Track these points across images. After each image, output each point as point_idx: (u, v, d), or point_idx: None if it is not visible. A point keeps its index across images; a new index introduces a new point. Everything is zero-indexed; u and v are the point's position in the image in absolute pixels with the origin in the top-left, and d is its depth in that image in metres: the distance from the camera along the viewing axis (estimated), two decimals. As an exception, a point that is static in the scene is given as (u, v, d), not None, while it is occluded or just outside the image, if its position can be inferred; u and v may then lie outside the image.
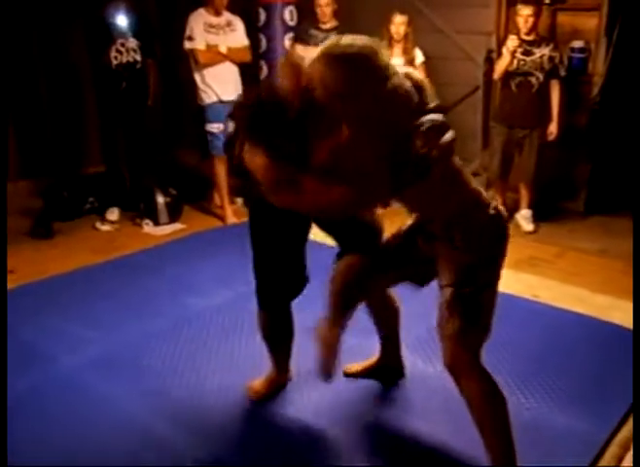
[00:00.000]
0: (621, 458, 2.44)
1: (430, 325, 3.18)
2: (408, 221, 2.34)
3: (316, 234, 2.68)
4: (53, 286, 3.89)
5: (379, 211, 2.56)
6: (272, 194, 2.08)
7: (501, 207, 2.18)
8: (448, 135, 1.99)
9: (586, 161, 5.26)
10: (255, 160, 2.00)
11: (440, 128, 1.97)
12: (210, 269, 4.18)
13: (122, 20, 4.97)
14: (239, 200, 5.60)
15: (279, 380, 2.88)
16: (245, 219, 5.09)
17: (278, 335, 2.81)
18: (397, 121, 1.91)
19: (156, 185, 5.22)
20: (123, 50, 4.99)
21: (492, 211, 2.13)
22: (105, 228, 5.03)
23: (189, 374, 3.00)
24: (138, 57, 5.05)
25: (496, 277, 2.18)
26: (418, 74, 2.13)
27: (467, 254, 2.09)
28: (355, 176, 1.91)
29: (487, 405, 2.14)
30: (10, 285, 3.58)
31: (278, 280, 2.68)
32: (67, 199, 5.23)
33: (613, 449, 2.49)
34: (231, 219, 5.18)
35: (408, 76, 2.01)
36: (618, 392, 2.80)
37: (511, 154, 4.87)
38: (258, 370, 2.93)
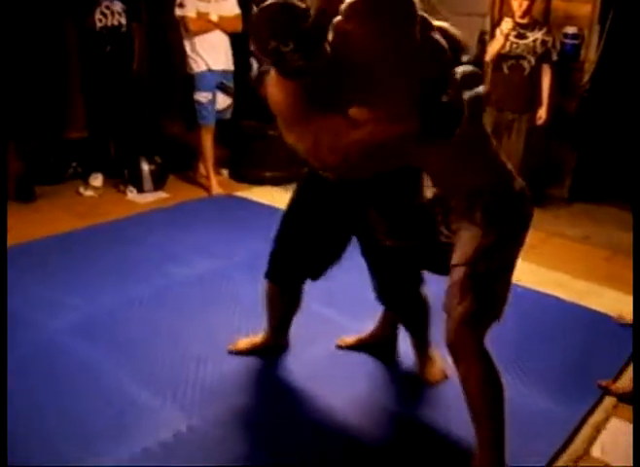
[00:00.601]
0: (593, 440, 2.47)
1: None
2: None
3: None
4: (34, 250, 3.86)
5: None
6: (292, 127, 1.95)
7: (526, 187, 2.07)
8: (481, 88, 1.89)
9: (572, 148, 5.27)
10: (276, 86, 1.89)
11: (473, 78, 1.87)
12: (193, 238, 4.16)
13: (107, -18, 4.89)
14: (225, 172, 5.58)
15: (269, 343, 2.90)
16: (230, 191, 5.16)
17: (281, 308, 2.81)
18: (430, 66, 1.82)
19: (141, 152, 5.17)
20: (107, 12, 4.90)
21: (518, 189, 2.04)
22: (88, 193, 4.99)
23: (170, 341, 3.00)
24: (123, 21, 4.96)
25: (513, 262, 2.08)
26: (454, 29, 2.02)
27: (486, 232, 1.98)
28: (382, 113, 1.79)
29: (485, 390, 2.07)
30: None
31: (298, 261, 2.62)
32: (50, 163, 5.17)
33: (586, 431, 2.52)
34: (217, 190, 5.15)
35: (442, 29, 1.92)
36: (593, 376, 2.83)
37: (499, 137, 4.87)
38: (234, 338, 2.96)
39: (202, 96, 5.06)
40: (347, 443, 2.42)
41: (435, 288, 2.42)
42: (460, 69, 1.85)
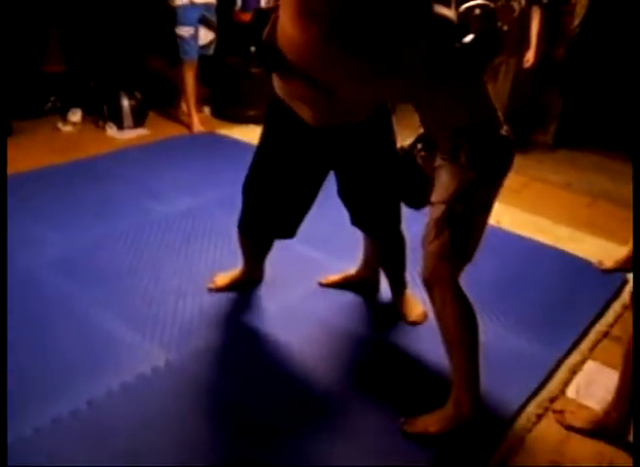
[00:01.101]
0: (567, 382, 2.50)
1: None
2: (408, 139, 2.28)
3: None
4: (12, 185, 3.76)
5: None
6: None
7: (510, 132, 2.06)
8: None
9: (559, 94, 5.22)
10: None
11: (490, 16, 1.77)
12: (174, 176, 4.11)
13: None
14: (207, 109, 5.49)
15: (246, 278, 2.90)
16: (212, 129, 5.08)
17: (254, 253, 2.81)
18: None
19: (121, 87, 5.05)
20: None
21: (504, 132, 2.03)
22: (67, 128, 4.89)
23: (149, 277, 2.97)
24: None
25: (490, 204, 2.10)
26: None
27: (468, 171, 1.99)
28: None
29: (460, 326, 2.10)
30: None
31: (268, 218, 2.56)
32: (28, 98, 5.05)
33: (561, 374, 2.54)
34: (198, 127, 5.06)
35: None
36: (570, 320, 2.85)
37: (486, 80, 4.79)
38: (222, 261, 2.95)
39: (184, 31, 4.92)
40: (321, 372, 2.43)
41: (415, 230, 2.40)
42: (477, 2, 1.75)
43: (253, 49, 1.84)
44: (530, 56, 4.71)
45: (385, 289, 2.92)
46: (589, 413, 2.32)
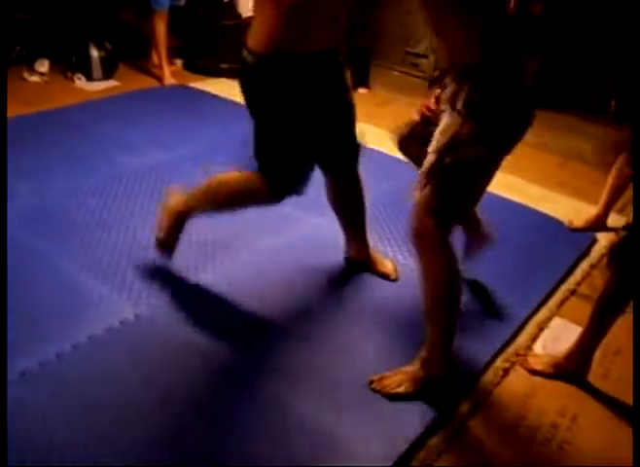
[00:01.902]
0: (535, 337, 2.54)
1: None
2: None
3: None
4: None
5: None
6: None
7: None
8: None
9: (533, 54, 5.19)
10: None
11: None
12: (144, 129, 4.04)
13: None
14: (179, 62, 5.39)
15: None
16: (184, 82, 4.99)
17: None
18: None
19: (90, 37, 4.92)
20: None
21: (519, 81, 1.86)
22: (34, 79, 4.77)
23: (118, 229, 2.94)
24: None
25: (490, 166, 1.95)
26: None
27: (466, 121, 1.82)
28: None
29: (443, 289, 2.01)
30: None
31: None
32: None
33: (529, 330, 2.58)
34: (169, 80, 4.97)
35: None
36: (539, 277, 2.88)
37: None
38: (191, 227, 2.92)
39: (155, -21, 4.80)
40: (287, 326, 2.44)
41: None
42: None
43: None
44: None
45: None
46: (551, 357, 2.38)
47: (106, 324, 2.33)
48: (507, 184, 3.77)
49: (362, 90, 5.23)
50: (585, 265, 3.06)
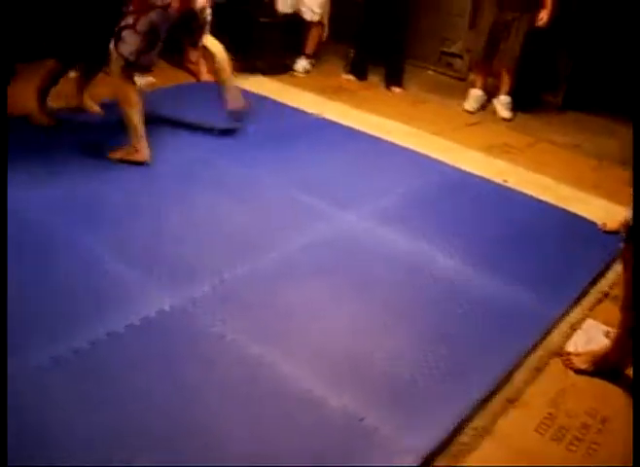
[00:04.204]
0: (566, 338, 2.53)
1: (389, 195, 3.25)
2: None
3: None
4: (17, 126, 3.75)
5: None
6: None
7: None
8: None
9: (569, 55, 5.17)
10: None
11: None
12: (180, 124, 4.08)
13: None
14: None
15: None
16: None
17: None
18: None
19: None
20: None
21: None
22: (72, 74, 4.82)
23: (151, 221, 3.00)
24: None
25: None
26: None
27: None
28: None
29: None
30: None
31: None
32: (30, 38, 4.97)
33: (561, 330, 2.58)
34: (205, 76, 5.01)
35: None
36: (572, 278, 2.88)
37: (497, 36, 4.74)
38: (221, 223, 2.96)
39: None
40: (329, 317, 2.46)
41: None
42: None
43: None
44: (544, 15, 4.63)
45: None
46: (591, 355, 2.38)
47: (142, 314, 2.37)
48: (539, 184, 3.79)
49: (396, 89, 5.24)
50: (618, 267, 3.04)
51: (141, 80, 4.75)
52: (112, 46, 3.35)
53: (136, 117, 3.48)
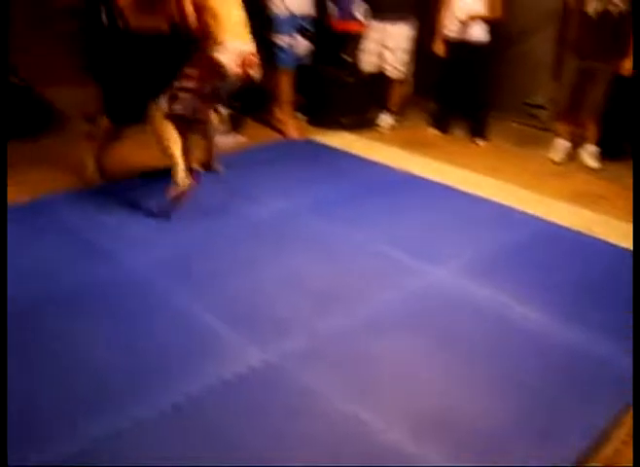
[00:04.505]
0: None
1: (477, 249, 3.26)
2: None
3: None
4: (127, 186, 4.02)
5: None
6: None
7: None
8: None
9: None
10: None
11: None
12: (269, 180, 4.26)
13: None
14: (300, 115, 5.61)
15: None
16: (305, 135, 5.19)
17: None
18: None
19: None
20: None
21: None
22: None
23: (244, 277, 3.11)
24: None
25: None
26: None
27: None
28: None
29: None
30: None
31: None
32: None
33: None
34: (292, 134, 5.20)
35: None
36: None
37: (581, 86, 4.72)
38: (311, 279, 3.06)
39: (281, 39, 5.08)
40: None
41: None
42: None
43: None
44: (629, 64, 4.59)
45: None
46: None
47: (233, 369, 2.46)
48: (627, 234, 3.67)
49: (480, 142, 5.27)
50: None
51: (231, 139, 4.98)
52: (163, 100, 3.63)
53: (176, 151, 3.64)
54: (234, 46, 3.57)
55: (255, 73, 3.76)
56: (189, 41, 3.60)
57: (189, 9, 3.51)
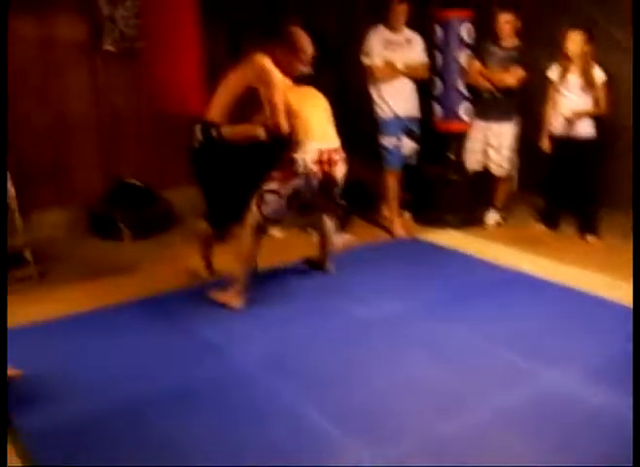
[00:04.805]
0: None
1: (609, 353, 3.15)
2: None
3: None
4: (220, 283, 4.13)
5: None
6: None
7: None
8: None
9: None
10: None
11: None
12: (377, 280, 4.29)
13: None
14: (407, 214, 5.69)
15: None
16: (412, 233, 5.24)
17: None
18: None
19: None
20: None
21: None
22: (277, 234, 5.24)
23: (354, 380, 3.11)
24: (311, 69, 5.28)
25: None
26: None
27: None
28: None
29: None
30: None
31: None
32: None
33: None
34: (400, 232, 5.26)
35: None
36: None
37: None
38: (425, 381, 3.03)
39: (388, 141, 5.24)
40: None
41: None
42: None
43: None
44: None
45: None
46: None
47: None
48: None
49: (591, 239, 5.15)
50: None
51: (339, 238, 5.08)
52: (253, 205, 3.78)
53: (245, 273, 3.84)
54: (313, 145, 3.75)
55: (339, 171, 3.89)
56: (280, 145, 3.79)
57: (282, 115, 3.67)
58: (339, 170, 3.90)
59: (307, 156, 3.73)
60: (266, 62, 3.71)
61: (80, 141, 5.61)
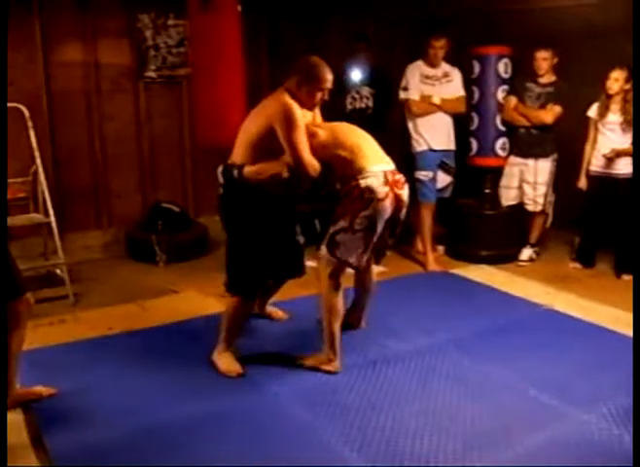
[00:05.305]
0: None
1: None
2: None
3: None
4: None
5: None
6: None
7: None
8: None
9: None
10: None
11: None
12: (410, 313, 4.28)
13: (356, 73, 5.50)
14: (441, 248, 5.67)
15: None
16: (446, 268, 5.22)
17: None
18: None
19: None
20: (357, 97, 5.46)
21: None
22: (311, 264, 5.25)
23: (386, 414, 3.09)
24: (370, 104, 5.46)
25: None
26: None
27: None
28: None
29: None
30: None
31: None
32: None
33: None
34: (433, 266, 5.25)
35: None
36: None
37: None
38: (455, 419, 3.00)
39: (423, 174, 5.26)
40: None
41: None
42: None
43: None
44: None
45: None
46: None
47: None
48: None
49: (627, 277, 5.08)
50: None
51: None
52: (323, 252, 3.40)
53: (337, 326, 3.47)
54: (375, 168, 3.37)
55: (406, 194, 3.54)
56: (316, 187, 3.51)
57: (307, 152, 3.30)
58: (406, 193, 3.56)
59: (373, 180, 3.33)
60: (287, 98, 3.33)
61: (120, 165, 5.73)
